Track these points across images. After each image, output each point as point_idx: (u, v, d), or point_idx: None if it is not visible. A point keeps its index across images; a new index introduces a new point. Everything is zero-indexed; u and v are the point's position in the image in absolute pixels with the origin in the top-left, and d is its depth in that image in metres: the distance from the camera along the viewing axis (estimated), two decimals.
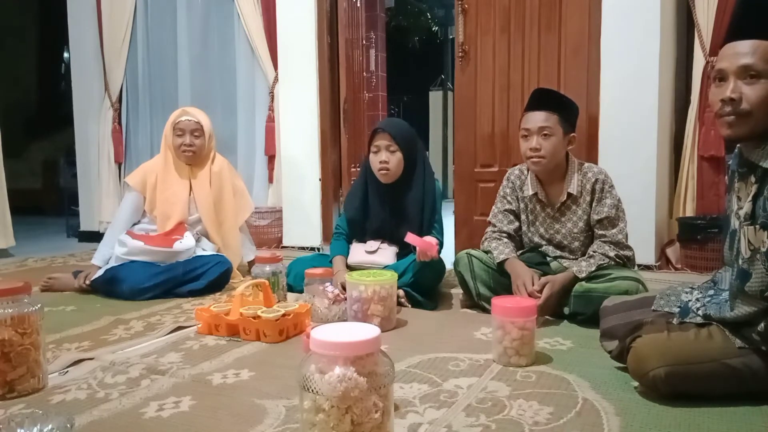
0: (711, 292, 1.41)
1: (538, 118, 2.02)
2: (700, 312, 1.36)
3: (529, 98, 2.10)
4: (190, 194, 2.69)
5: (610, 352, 1.53)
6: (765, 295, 1.21)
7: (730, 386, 1.27)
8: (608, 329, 1.58)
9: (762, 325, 1.22)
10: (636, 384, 1.37)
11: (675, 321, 1.39)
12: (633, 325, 1.43)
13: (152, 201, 2.66)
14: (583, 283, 1.95)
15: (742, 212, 1.28)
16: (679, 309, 1.43)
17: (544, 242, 2.18)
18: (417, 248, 2.13)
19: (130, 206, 2.68)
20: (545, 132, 2.00)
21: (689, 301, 1.42)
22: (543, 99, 2.06)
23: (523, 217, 2.20)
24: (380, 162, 2.28)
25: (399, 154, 2.28)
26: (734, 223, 1.33)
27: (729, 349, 1.26)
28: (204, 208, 2.69)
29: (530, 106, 2.07)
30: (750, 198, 1.26)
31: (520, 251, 2.20)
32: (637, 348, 1.34)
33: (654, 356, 1.29)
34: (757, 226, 1.23)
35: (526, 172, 2.19)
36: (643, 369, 1.30)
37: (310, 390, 0.91)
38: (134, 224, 2.68)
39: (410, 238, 2.10)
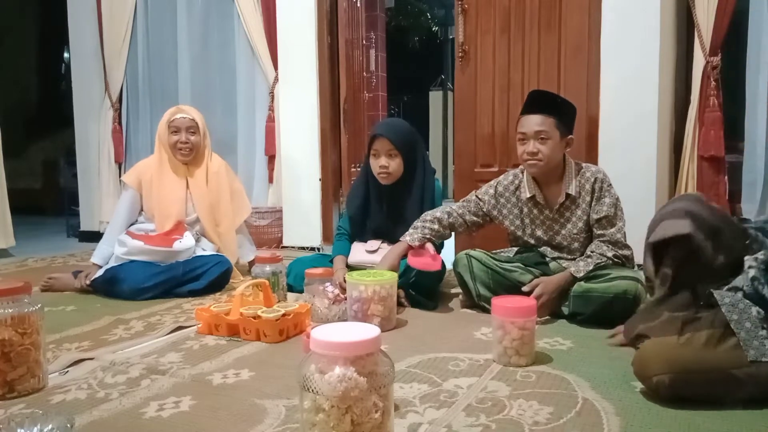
0: None
1: (534, 122, 2.00)
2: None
3: (525, 101, 2.07)
4: (187, 192, 2.69)
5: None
6: None
7: (732, 393, 1.25)
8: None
9: None
10: (637, 384, 1.37)
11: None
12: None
13: (149, 199, 2.66)
14: (582, 283, 1.95)
15: None
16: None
17: (542, 245, 2.17)
18: (414, 260, 2.12)
19: (127, 204, 2.68)
20: (542, 136, 1.99)
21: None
22: (539, 101, 2.03)
23: (517, 222, 2.19)
24: (380, 166, 2.28)
25: (398, 159, 2.28)
26: None
27: (739, 359, 1.24)
28: (201, 207, 2.69)
29: (526, 109, 2.04)
30: None
31: (517, 251, 2.20)
32: (642, 352, 1.34)
33: (659, 363, 1.28)
34: None
35: (521, 176, 2.17)
36: (647, 373, 1.30)
37: (310, 390, 0.91)
38: (133, 224, 2.67)
39: (412, 261, 2.10)
